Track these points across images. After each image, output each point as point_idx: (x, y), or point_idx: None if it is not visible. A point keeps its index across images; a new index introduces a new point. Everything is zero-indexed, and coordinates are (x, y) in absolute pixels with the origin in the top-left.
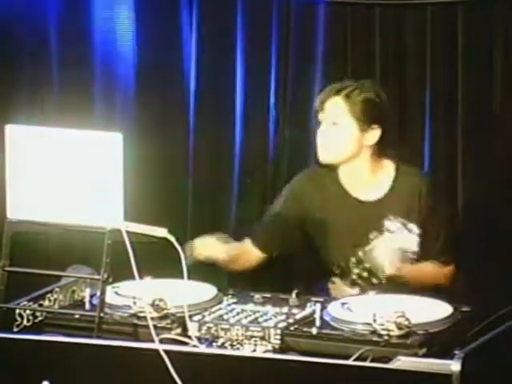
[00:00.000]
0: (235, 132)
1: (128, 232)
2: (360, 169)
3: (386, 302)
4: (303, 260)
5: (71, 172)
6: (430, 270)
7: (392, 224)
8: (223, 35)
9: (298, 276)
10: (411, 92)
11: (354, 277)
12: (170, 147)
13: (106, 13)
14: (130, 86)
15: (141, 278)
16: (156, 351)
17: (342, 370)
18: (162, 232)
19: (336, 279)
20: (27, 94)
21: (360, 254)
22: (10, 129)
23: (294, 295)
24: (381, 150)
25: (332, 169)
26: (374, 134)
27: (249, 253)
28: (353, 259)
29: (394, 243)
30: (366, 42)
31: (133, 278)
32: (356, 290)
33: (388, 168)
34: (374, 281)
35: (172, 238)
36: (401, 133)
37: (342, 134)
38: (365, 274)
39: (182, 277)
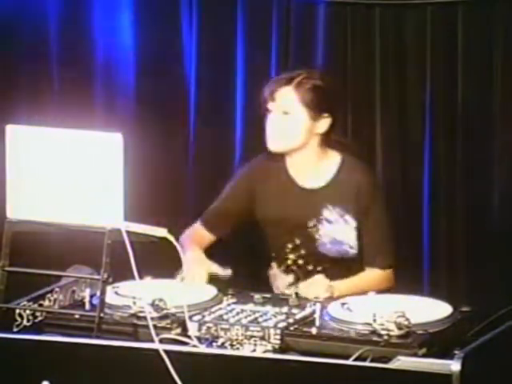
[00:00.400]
0: (235, 132)
1: (128, 232)
2: (307, 157)
3: (385, 302)
4: (248, 247)
5: (71, 172)
6: (366, 281)
7: (330, 213)
8: (223, 35)
9: (241, 263)
10: (411, 92)
11: (290, 262)
12: (170, 147)
13: (106, 13)
14: (130, 85)
15: (141, 278)
16: (156, 351)
17: (342, 369)
18: (161, 232)
19: (273, 264)
20: (27, 94)
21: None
22: (10, 129)
23: (294, 295)
24: (328, 139)
25: (280, 156)
26: (325, 122)
27: (200, 235)
28: (289, 245)
29: (332, 234)
30: (366, 42)
31: (133, 278)
32: (291, 278)
33: (334, 158)
34: (310, 268)
35: (172, 238)
36: (401, 133)
37: (293, 124)
38: (300, 262)
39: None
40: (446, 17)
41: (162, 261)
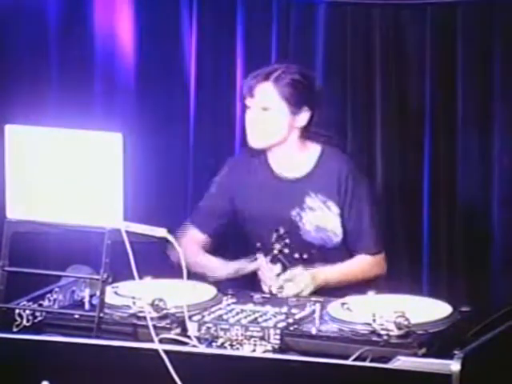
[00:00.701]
0: (235, 132)
1: (128, 232)
2: (288, 150)
3: (385, 302)
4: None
5: (71, 172)
6: (354, 267)
7: (312, 201)
8: (223, 35)
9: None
10: (411, 92)
11: (276, 252)
12: (170, 147)
13: (105, 13)
14: (130, 85)
15: (141, 278)
16: (156, 351)
17: (342, 369)
18: (161, 232)
19: (259, 255)
20: (27, 94)
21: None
22: (9, 129)
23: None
24: (308, 131)
25: (260, 151)
26: (305, 115)
27: (193, 236)
28: (274, 235)
29: (315, 221)
30: (366, 42)
31: (133, 278)
32: (278, 268)
33: (313, 148)
34: (296, 256)
35: (172, 238)
36: (401, 132)
37: (273, 120)
38: (286, 250)
39: (181, 277)
40: (445, 17)
41: (161, 261)
